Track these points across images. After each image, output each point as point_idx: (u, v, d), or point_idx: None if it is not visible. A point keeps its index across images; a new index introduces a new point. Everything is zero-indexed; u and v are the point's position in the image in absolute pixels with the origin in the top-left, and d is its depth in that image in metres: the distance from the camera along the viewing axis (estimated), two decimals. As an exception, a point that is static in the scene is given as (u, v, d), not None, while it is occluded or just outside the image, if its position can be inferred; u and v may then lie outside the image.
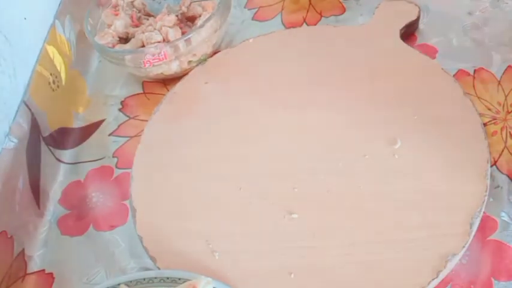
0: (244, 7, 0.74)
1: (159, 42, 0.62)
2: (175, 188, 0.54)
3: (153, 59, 0.61)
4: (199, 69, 0.65)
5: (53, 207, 0.57)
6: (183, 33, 0.63)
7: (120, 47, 0.64)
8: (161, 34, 0.62)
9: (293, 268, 0.45)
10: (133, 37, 0.65)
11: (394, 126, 0.53)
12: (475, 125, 0.51)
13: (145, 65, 0.61)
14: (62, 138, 0.63)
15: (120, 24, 0.66)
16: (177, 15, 0.65)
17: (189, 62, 0.64)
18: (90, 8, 0.67)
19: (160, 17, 0.64)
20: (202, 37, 0.62)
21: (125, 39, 0.66)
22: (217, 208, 0.51)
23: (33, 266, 0.53)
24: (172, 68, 0.63)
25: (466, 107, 0.52)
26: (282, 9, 0.72)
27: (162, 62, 0.61)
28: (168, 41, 0.62)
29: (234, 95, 0.60)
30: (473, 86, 0.57)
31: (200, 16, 0.64)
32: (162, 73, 0.64)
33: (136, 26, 0.67)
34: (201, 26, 0.61)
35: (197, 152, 0.56)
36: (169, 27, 0.63)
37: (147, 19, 0.67)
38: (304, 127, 0.55)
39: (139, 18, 0.68)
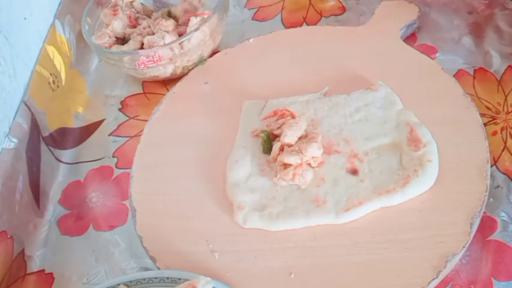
0: (244, 7, 0.74)
1: (160, 46, 0.62)
2: (175, 188, 0.54)
3: (148, 61, 0.61)
4: (199, 70, 0.65)
5: (52, 207, 0.57)
6: (180, 38, 0.62)
7: (116, 48, 0.64)
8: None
9: (293, 268, 0.45)
10: (130, 38, 0.65)
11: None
12: (475, 125, 0.51)
13: (139, 67, 0.61)
14: (61, 138, 0.63)
15: (117, 25, 0.66)
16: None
17: (184, 67, 0.64)
18: (89, 7, 0.67)
19: (158, 22, 0.64)
20: (197, 40, 0.62)
21: (122, 40, 0.66)
22: (217, 208, 0.51)
23: (33, 266, 0.53)
24: (168, 71, 0.63)
25: (466, 107, 0.52)
26: (282, 9, 0.72)
27: (156, 64, 0.61)
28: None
29: (234, 95, 0.60)
30: (473, 86, 0.57)
31: (189, 20, 0.64)
32: (158, 76, 0.64)
33: (134, 27, 0.67)
34: (196, 29, 0.61)
35: (197, 152, 0.56)
36: (167, 32, 0.62)
37: (144, 19, 0.67)
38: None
39: (137, 19, 0.68)
